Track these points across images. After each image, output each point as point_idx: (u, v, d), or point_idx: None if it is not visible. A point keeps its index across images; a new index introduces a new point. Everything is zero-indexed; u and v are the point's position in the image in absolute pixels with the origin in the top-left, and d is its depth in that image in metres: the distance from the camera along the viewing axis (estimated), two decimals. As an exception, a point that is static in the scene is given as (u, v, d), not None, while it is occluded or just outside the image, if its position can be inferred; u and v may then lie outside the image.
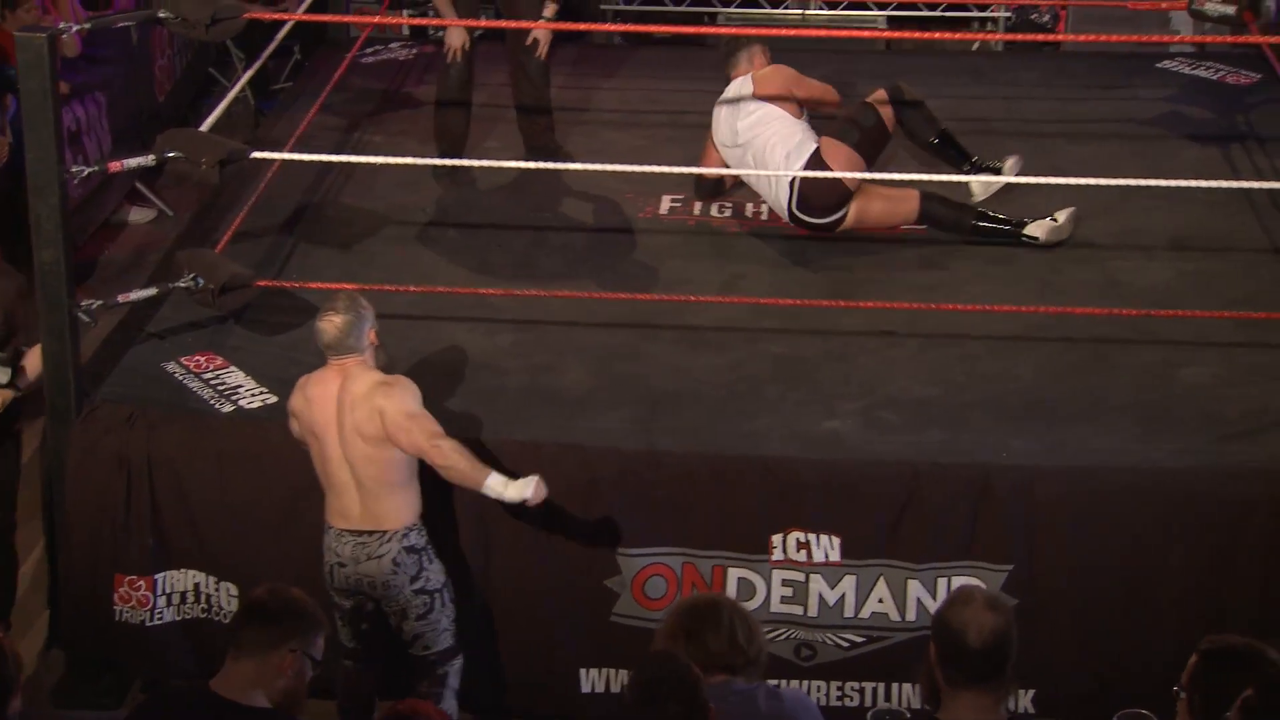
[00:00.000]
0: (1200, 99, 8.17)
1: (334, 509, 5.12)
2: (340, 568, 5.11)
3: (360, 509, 5.07)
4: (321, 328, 5.06)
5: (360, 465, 5.02)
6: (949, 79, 8.35)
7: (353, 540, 5.07)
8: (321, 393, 5.08)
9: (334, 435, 5.04)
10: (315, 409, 5.08)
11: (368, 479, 5.03)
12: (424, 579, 5.12)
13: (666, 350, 6.00)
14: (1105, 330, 6.03)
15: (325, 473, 5.10)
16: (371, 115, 8.06)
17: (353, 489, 5.06)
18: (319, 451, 5.09)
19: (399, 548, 5.06)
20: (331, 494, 5.11)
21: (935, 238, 6.82)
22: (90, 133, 7.75)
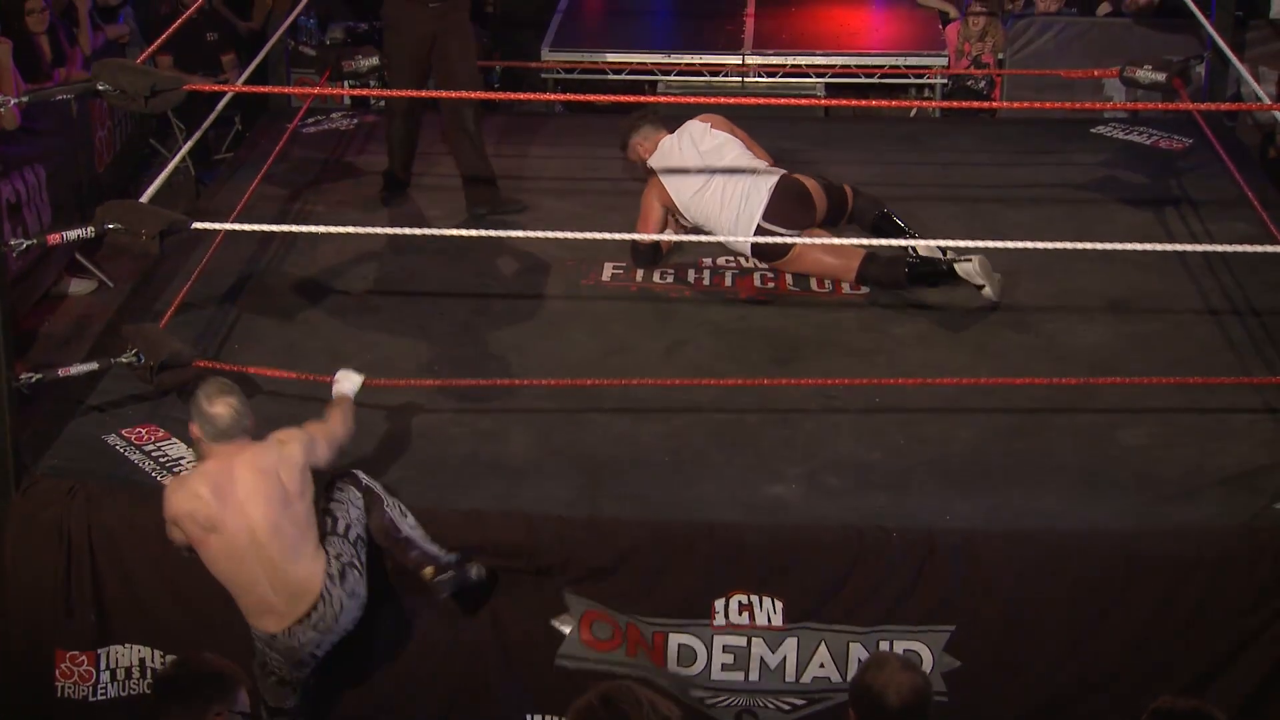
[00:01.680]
0: (1134, 163, 8.29)
1: (256, 611, 5.03)
2: (304, 648, 5.08)
3: (283, 599, 4.99)
4: (219, 414, 4.98)
5: (277, 538, 4.95)
6: (887, 145, 8.44)
7: (300, 629, 5.03)
8: (226, 481, 4.98)
9: (246, 521, 4.95)
10: (224, 499, 4.96)
11: (284, 551, 4.96)
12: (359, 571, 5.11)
13: (610, 417, 6.01)
14: (1045, 393, 6.08)
15: (237, 571, 4.99)
16: (313, 184, 8.07)
17: (267, 579, 4.98)
18: (223, 547, 4.97)
19: (339, 591, 5.04)
20: (247, 595, 5.01)
21: (875, 300, 6.87)
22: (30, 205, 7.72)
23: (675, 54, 10.04)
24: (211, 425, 5.00)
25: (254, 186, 7.62)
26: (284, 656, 5.11)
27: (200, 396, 5.05)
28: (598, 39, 10.40)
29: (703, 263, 7.19)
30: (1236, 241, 6.92)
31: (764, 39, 10.15)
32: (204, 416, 5.01)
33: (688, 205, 6.99)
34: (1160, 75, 7.83)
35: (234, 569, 5.00)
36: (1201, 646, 5.33)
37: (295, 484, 5.01)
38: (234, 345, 6.44)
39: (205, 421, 5.01)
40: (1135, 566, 5.30)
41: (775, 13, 10.55)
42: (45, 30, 8.63)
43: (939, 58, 9.94)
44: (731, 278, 7.10)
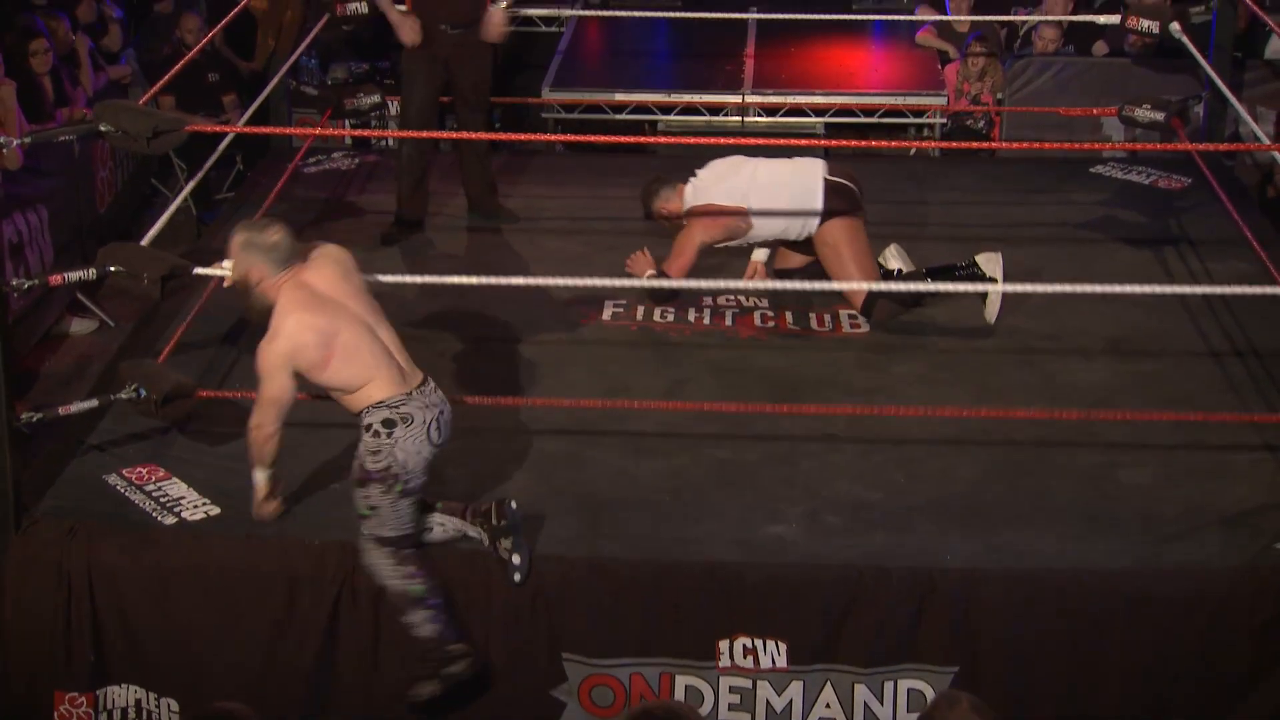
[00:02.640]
0: (1133, 203, 8.31)
1: (395, 378, 5.13)
2: (441, 415, 5.20)
3: (408, 363, 5.22)
4: (278, 240, 5.09)
5: (383, 321, 5.20)
6: (887, 184, 8.46)
7: (429, 389, 5.21)
8: (314, 280, 5.11)
9: (352, 310, 5.11)
10: (323, 300, 5.09)
11: (393, 333, 5.21)
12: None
13: (610, 457, 6.01)
14: (1045, 432, 6.08)
15: (369, 351, 5.10)
16: (314, 224, 8.08)
17: (393, 351, 5.18)
18: (349, 339, 5.07)
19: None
20: (383, 369, 5.12)
21: (875, 341, 6.88)
22: (32, 245, 7.73)
23: (675, 93, 10.07)
24: (277, 252, 5.10)
25: (255, 226, 7.61)
26: (431, 415, 5.15)
27: (250, 234, 5.13)
28: (598, 78, 10.43)
29: (703, 302, 7.20)
30: (1236, 281, 6.93)
31: (764, 78, 10.18)
32: (266, 248, 5.09)
33: (746, 193, 6.95)
34: (1159, 115, 7.85)
35: (366, 356, 5.10)
36: (1204, 687, 5.32)
37: (358, 278, 5.25)
38: (234, 384, 6.44)
39: (269, 251, 5.09)
40: (1137, 606, 5.29)
41: (775, 52, 10.58)
42: (48, 71, 8.66)
43: (938, 97, 9.97)
44: (732, 317, 7.11)
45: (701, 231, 7.00)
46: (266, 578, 5.39)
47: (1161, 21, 7.96)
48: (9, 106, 8.03)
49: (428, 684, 5.23)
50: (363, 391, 5.12)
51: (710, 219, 6.99)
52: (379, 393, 5.11)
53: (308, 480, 5.77)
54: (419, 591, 5.18)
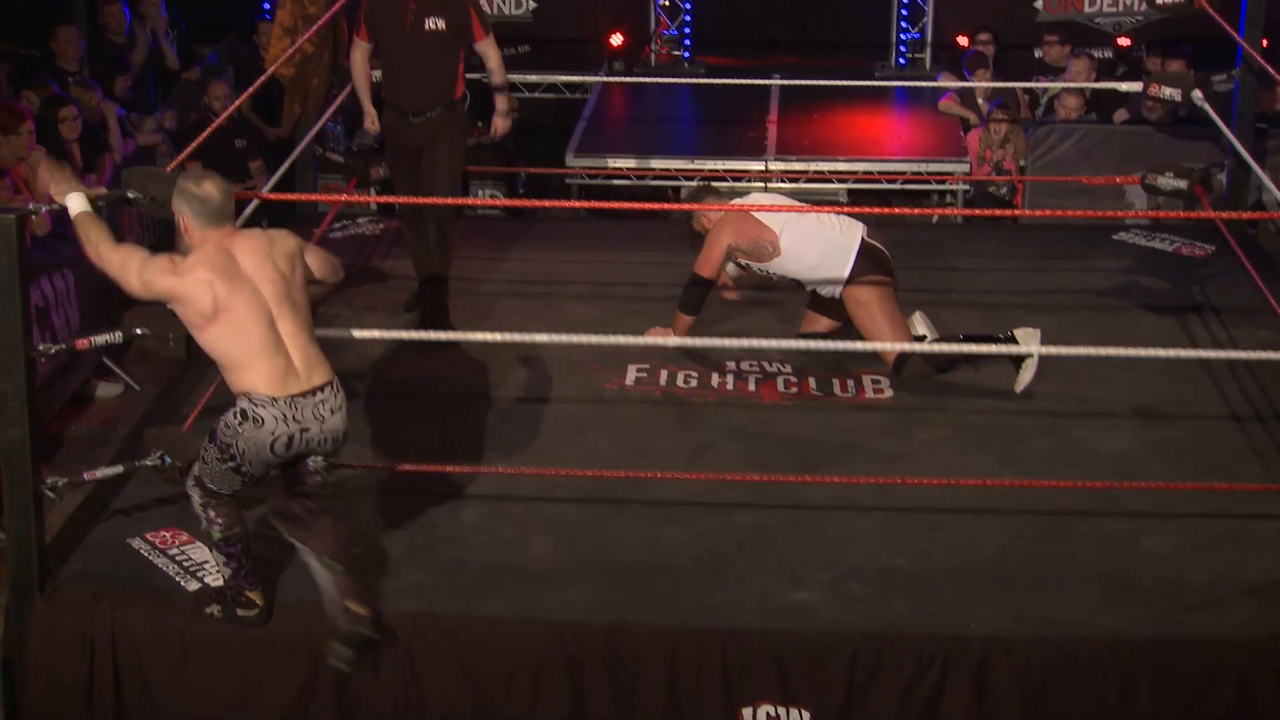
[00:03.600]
0: (1156, 270, 8.32)
1: (272, 375, 5.07)
2: (304, 433, 5.13)
3: (304, 366, 5.12)
4: (210, 193, 5.04)
5: (294, 316, 5.10)
6: (909, 251, 8.47)
7: (312, 401, 5.12)
8: (240, 251, 5.06)
9: (262, 293, 5.06)
10: (237, 270, 5.04)
11: (301, 331, 5.12)
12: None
13: (633, 522, 6.00)
14: (1069, 498, 6.06)
15: (257, 337, 5.05)
16: (339, 288, 8.09)
17: (288, 347, 5.11)
18: (242, 316, 5.02)
19: (342, 396, 5.22)
20: (264, 360, 5.07)
21: (899, 407, 6.88)
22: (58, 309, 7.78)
23: (698, 159, 10.13)
24: (204, 205, 5.05)
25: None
26: (297, 433, 5.11)
27: (185, 182, 5.09)
28: (621, 145, 10.50)
29: (726, 367, 7.21)
30: (1260, 348, 6.93)
31: (787, 145, 10.23)
32: (195, 198, 5.06)
33: (783, 224, 6.99)
34: (1182, 182, 7.84)
35: (250, 342, 5.05)
36: (1229, 757, 5.28)
37: (288, 265, 5.14)
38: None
39: (198, 202, 5.05)
40: (1161, 675, 5.26)
41: (798, 119, 10.65)
42: (77, 138, 8.74)
43: (961, 164, 10.01)
44: (755, 382, 7.11)
45: (731, 233, 7.03)
46: (289, 644, 5.39)
47: (1184, 90, 7.99)
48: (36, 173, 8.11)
49: (215, 610, 5.36)
50: (237, 373, 5.12)
51: (742, 224, 7.04)
52: (249, 382, 5.10)
53: (331, 545, 5.78)
54: (216, 536, 5.29)
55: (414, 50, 7.36)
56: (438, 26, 7.35)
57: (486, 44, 7.57)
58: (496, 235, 9.02)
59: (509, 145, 11.34)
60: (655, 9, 12.31)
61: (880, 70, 11.97)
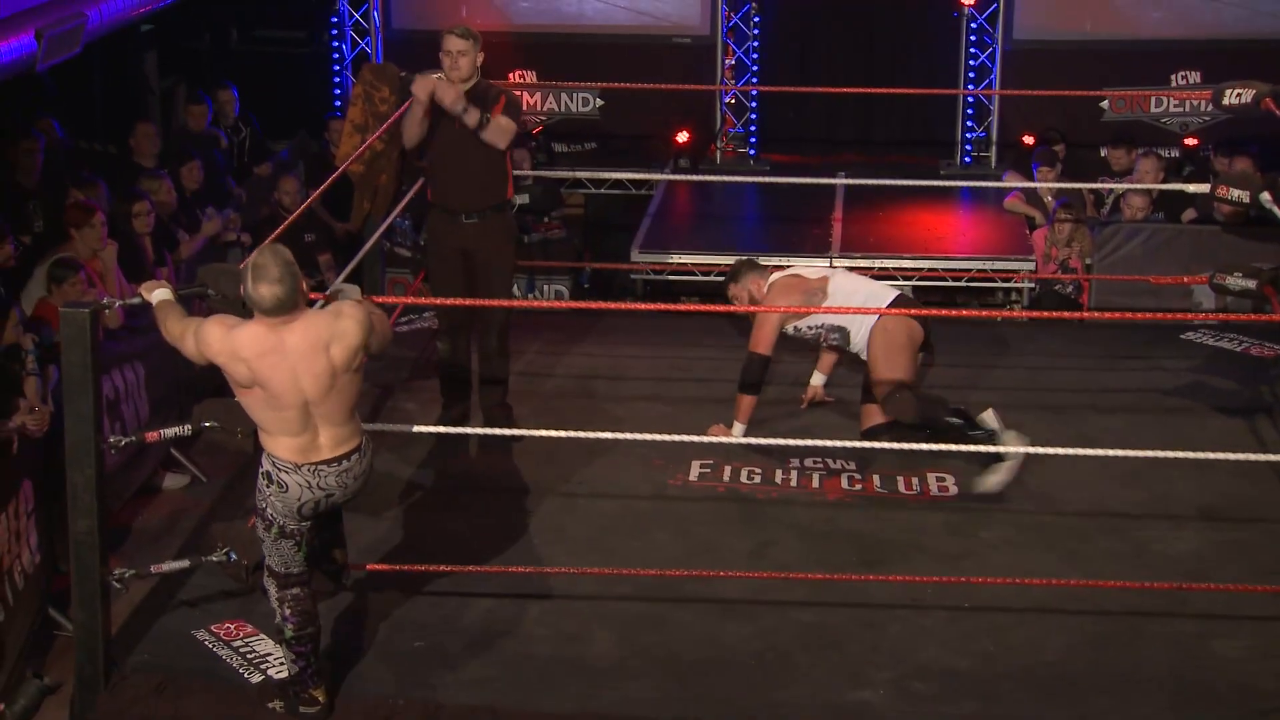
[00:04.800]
0: (1225, 370, 8.27)
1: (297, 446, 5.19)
2: (329, 497, 5.26)
3: (332, 441, 5.23)
4: (264, 296, 5.08)
5: (333, 402, 5.18)
6: (973, 348, 8.46)
7: (337, 469, 5.24)
8: (294, 336, 5.12)
9: (301, 382, 5.12)
10: (282, 355, 5.11)
11: (338, 413, 5.21)
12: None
13: (695, 619, 5.98)
14: (1136, 600, 6.00)
15: (287, 418, 5.16)
16: (405, 382, 8.19)
17: (319, 427, 5.21)
18: (276, 396, 5.12)
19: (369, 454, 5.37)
20: (290, 437, 5.18)
21: (964, 503, 6.84)
22: (128, 400, 7.85)
23: (763, 256, 10.13)
24: (259, 306, 5.13)
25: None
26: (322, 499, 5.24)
27: (248, 272, 5.14)
28: (686, 241, 10.55)
29: (790, 463, 7.20)
30: (1330, 449, 6.86)
31: (851, 242, 10.25)
32: (251, 299, 5.13)
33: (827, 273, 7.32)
34: (1251, 282, 7.82)
35: (279, 419, 5.18)
36: None
37: (344, 360, 5.18)
38: (323, 542, 6.48)
39: (252, 302, 5.13)
40: (1233, 781, 5.19)
41: (862, 216, 10.68)
42: (149, 232, 8.86)
43: (1026, 262, 10.00)
44: (819, 479, 7.10)
45: (782, 297, 7.29)
46: (350, 738, 5.39)
47: (1251, 191, 7.96)
48: (110, 267, 8.22)
49: (278, 704, 5.43)
50: (268, 438, 5.25)
51: (789, 286, 7.34)
52: (277, 449, 5.23)
53: (389, 637, 5.79)
54: (289, 634, 5.34)
55: (461, 148, 7.37)
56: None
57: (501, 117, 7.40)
58: (560, 330, 9.06)
59: (575, 239, 11.44)
60: (721, 107, 12.40)
61: (945, 168, 12.00)
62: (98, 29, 8.31)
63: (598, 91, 12.26)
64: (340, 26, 12.46)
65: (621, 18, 12.35)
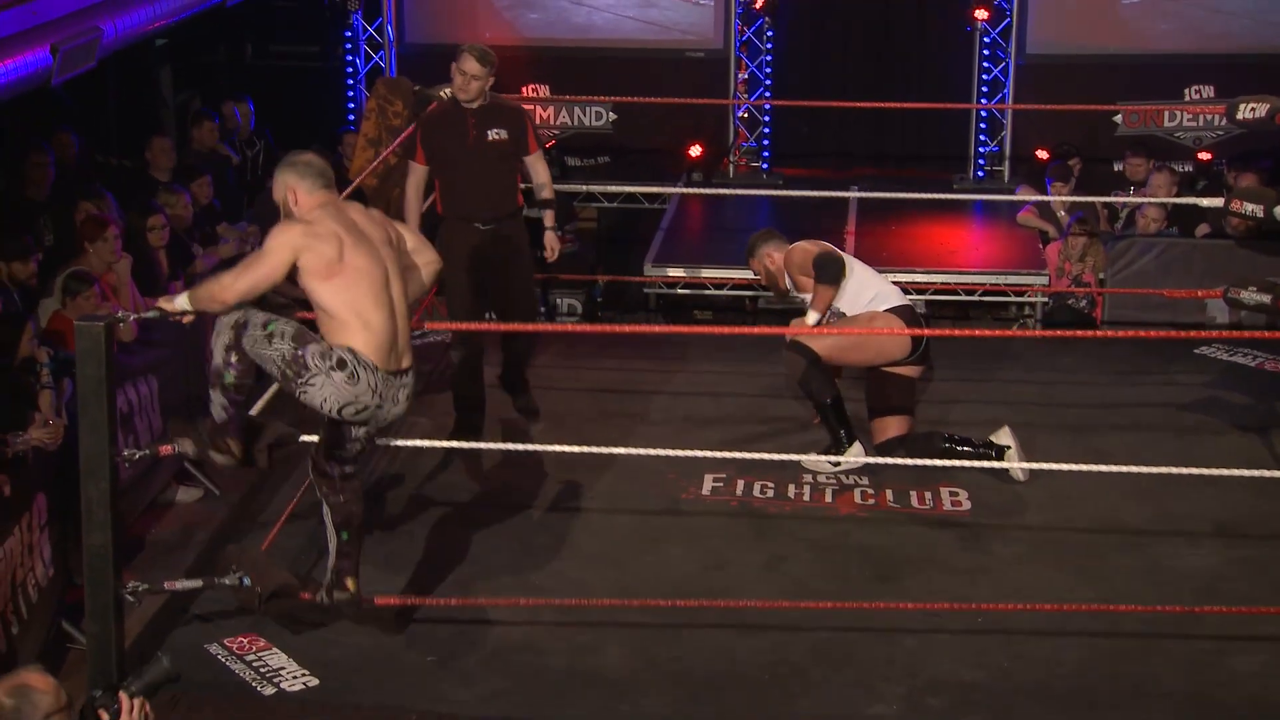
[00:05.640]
0: (1239, 384, 8.25)
1: (378, 345, 5.18)
2: (378, 409, 5.27)
3: (401, 345, 5.26)
4: (310, 158, 5.20)
5: (402, 288, 5.23)
6: (987, 363, 8.45)
7: (399, 382, 5.28)
8: (355, 214, 5.18)
9: (380, 254, 5.17)
10: (358, 229, 5.15)
11: (404, 307, 5.25)
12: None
13: (709, 632, 5.98)
14: (1151, 616, 5.98)
15: (373, 295, 5.15)
16: (418, 396, 8.15)
17: (398, 319, 5.23)
18: (363, 271, 5.12)
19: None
20: (374, 326, 5.16)
21: (978, 519, 6.83)
22: (142, 414, 7.85)
23: (777, 270, 10.14)
24: (309, 167, 5.19)
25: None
26: (373, 408, 5.24)
27: (287, 157, 5.23)
28: (699, 255, 10.56)
29: (803, 478, 7.19)
30: (1345, 464, 6.84)
31: (864, 256, 10.14)
32: (300, 164, 5.21)
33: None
34: (1265, 297, 7.80)
35: (367, 296, 5.15)
36: None
37: (398, 241, 5.31)
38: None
39: (303, 166, 5.19)
40: (1248, 798, 5.17)
41: (875, 230, 10.67)
42: (164, 245, 8.88)
43: (1040, 276, 9.99)
44: (832, 494, 7.09)
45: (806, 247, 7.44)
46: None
47: (1266, 205, 7.95)
48: (124, 280, 8.23)
49: (189, 446, 5.58)
50: (344, 331, 5.18)
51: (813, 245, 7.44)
52: (356, 340, 5.18)
53: (403, 650, 5.79)
54: (229, 380, 5.40)
55: (477, 162, 7.47)
56: (500, 137, 7.50)
57: (537, 158, 7.67)
58: (575, 345, 9.07)
59: (588, 253, 11.44)
60: (734, 121, 12.41)
61: (958, 182, 11.99)
62: (113, 43, 8.33)
63: (611, 105, 12.27)
64: (354, 41, 12.48)
65: (634, 31, 12.37)
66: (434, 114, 7.63)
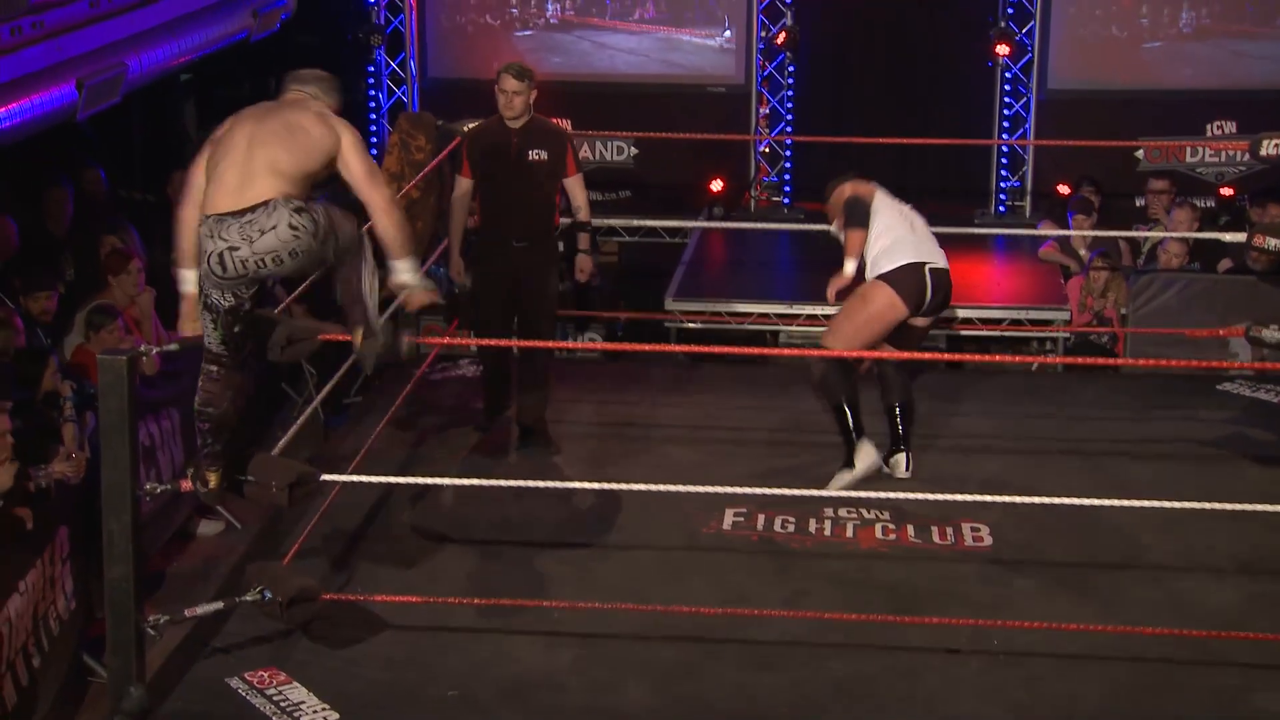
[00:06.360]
0: (1262, 421, 8.23)
1: (214, 194, 5.36)
2: (234, 252, 5.39)
3: (246, 187, 5.40)
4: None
5: (277, 148, 5.49)
6: (1010, 398, 8.44)
7: (231, 223, 5.39)
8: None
9: (251, 129, 5.45)
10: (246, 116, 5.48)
11: (275, 157, 5.50)
12: (312, 233, 5.66)
13: (729, 668, 5.96)
14: (1173, 651, 5.95)
15: (225, 162, 5.41)
16: (438, 430, 8.20)
17: (252, 167, 5.44)
18: (227, 141, 5.44)
19: (283, 214, 5.50)
20: (216, 180, 5.38)
21: (999, 554, 6.81)
22: (164, 447, 7.89)
23: (797, 304, 10.17)
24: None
25: (379, 431, 7.77)
26: (206, 260, 5.36)
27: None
28: (720, 289, 10.57)
29: (824, 513, 7.18)
30: (1369, 500, 6.79)
31: (886, 291, 10.22)
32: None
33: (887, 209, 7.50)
34: (1287, 334, 7.80)
35: (218, 163, 5.39)
36: None
37: (315, 138, 5.56)
38: (356, 586, 6.49)
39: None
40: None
41: (897, 265, 10.65)
42: (187, 278, 8.91)
43: (1061, 312, 9.98)
44: (853, 529, 7.08)
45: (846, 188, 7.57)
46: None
47: (1289, 240, 7.95)
48: (147, 313, 8.28)
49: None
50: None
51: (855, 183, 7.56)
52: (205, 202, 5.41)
53: (422, 685, 5.78)
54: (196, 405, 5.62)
55: (519, 180, 7.64)
56: (540, 158, 7.65)
57: (575, 181, 7.83)
58: (595, 378, 9.08)
59: (609, 288, 11.46)
60: (755, 155, 12.44)
61: (980, 217, 12.00)
62: (138, 79, 8.40)
63: (632, 140, 12.31)
64: (377, 75, 12.55)
65: (656, 67, 12.42)
66: (480, 130, 7.84)
